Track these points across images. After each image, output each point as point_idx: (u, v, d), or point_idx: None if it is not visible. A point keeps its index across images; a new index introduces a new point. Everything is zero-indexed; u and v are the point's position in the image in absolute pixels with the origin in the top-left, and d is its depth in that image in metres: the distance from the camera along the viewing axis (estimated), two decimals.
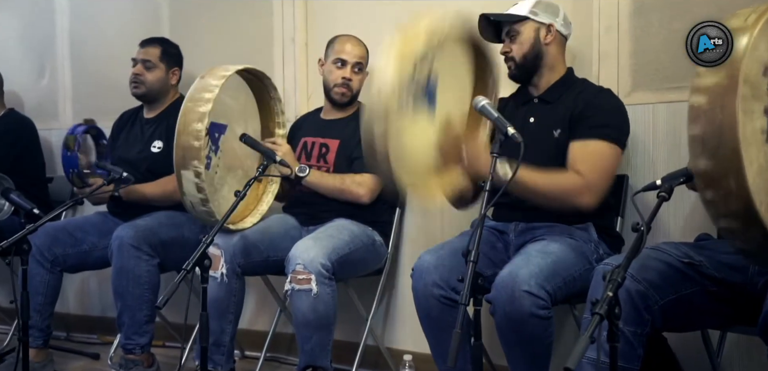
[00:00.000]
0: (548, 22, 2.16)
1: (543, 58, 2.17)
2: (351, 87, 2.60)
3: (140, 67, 2.89)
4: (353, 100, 2.65)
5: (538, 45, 2.16)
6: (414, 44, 1.75)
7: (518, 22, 2.15)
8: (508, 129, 1.71)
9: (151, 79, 2.90)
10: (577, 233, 2.04)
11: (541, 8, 2.16)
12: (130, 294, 2.53)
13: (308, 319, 2.22)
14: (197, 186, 2.22)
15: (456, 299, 1.98)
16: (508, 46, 2.18)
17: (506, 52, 2.19)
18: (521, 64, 2.17)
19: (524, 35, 2.15)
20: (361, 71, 2.62)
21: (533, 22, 2.15)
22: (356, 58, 2.60)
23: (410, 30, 1.79)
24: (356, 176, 2.52)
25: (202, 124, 2.21)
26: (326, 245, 2.27)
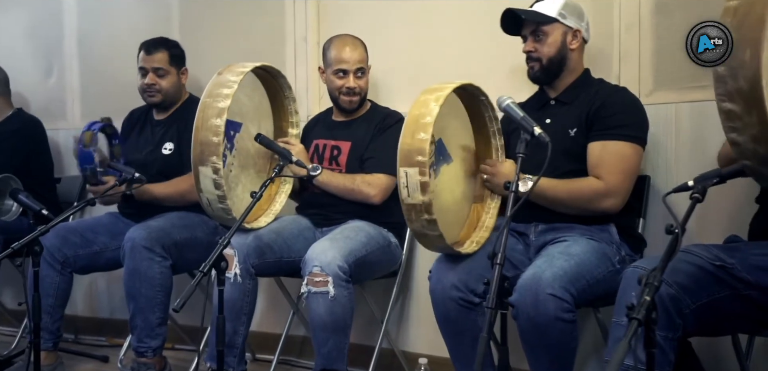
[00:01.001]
0: (576, 27, 2.13)
1: (566, 62, 2.15)
2: (357, 92, 2.57)
3: (153, 76, 2.84)
4: (365, 98, 2.61)
5: (564, 49, 2.14)
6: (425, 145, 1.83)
7: (546, 23, 2.11)
8: (534, 129, 1.68)
9: (166, 87, 2.86)
10: (599, 235, 2.01)
11: (569, 11, 2.13)
12: (142, 296, 2.49)
13: (325, 322, 2.19)
14: (215, 183, 2.18)
15: (475, 301, 1.97)
16: (533, 45, 2.15)
17: (530, 52, 2.16)
18: (547, 66, 2.15)
19: (552, 38, 2.12)
20: (364, 74, 2.58)
21: (562, 25, 2.12)
22: (357, 64, 2.56)
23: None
24: (367, 176, 2.48)
25: (221, 119, 2.17)
26: (343, 246, 2.23)
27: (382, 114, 2.61)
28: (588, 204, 1.99)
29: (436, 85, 1.94)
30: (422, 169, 1.81)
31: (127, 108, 3.15)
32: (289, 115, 2.60)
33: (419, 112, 1.86)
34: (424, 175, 1.81)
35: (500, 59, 2.58)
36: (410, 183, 1.83)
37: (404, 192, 1.85)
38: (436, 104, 1.84)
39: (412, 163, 1.82)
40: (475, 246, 2.03)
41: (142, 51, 2.88)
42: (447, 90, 1.89)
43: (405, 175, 1.83)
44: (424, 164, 1.81)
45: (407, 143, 1.84)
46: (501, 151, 2.13)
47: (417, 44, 2.81)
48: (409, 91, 2.80)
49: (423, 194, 1.82)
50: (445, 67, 2.74)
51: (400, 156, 1.85)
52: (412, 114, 1.87)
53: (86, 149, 2.54)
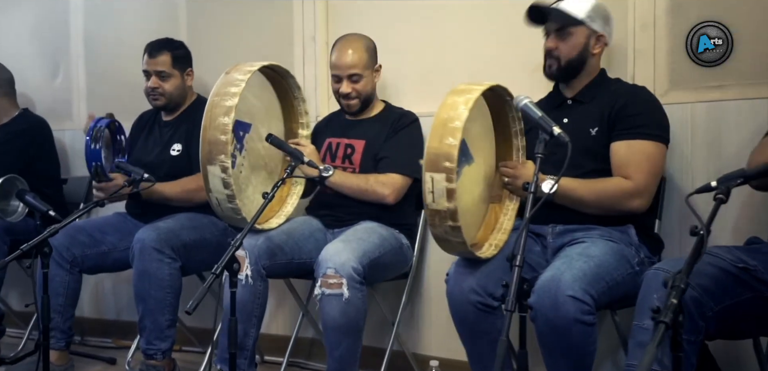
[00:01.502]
0: (600, 32, 2.11)
1: (585, 66, 2.14)
2: (353, 97, 2.54)
3: (156, 80, 2.82)
4: (368, 101, 2.58)
5: (586, 53, 2.12)
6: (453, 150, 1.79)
7: (573, 24, 2.09)
8: (553, 129, 1.66)
9: (169, 89, 2.84)
10: (617, 236, 1.99)
11: (597, 14, 2.11)
12: (152, 297, 2.47)
13: (338, 324, 2.16)
14: (223, 182, 2.16)
15: (493, 305, 1.95)
16: (554, 42, 2.13)
17: (551, 49, 2.14)
18: (565, 67, 2.13)
19: (575, 39, 2.10)
20: (360, 78, 2.53)
21: (587, 28, 2.10)
22: (348, 70, 2.52)
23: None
24: (381, 176, 2.46)
25: (229, 118, 2.14)
26: (357, 248, 2.21)
27: (397, 114, 2.59)
28: (615, 204, 1.97)
29: (464, 86, 1.89)
30: (449, 175, 1.76)
31: (134, 108, 3.12)
32: (299, 116, 2.57)
33: (447, 115, 1.81)
34: (452, 182, 1.76)
35: (512, 59, 2.56)
36: (436, 189, 1.78)
37: (429, 197, 1.81)
38: (466, 107, 1.80)
39: (439, 168, 1.78)
40: (493, 250, 2.00)
41: (146, 54, 2.86)
42: (476, 93, 1.84)
43: (431, 180, 1.79)
44: (451, 171, 1.76)
45: (434, 148, 1.79)
46: (522, 151, 2.09)
47: (428, 43, 2.79)
48: (420, 91, 2.81)
49: (449, 200, 1.78)
50: (456, 67, 2.72)
51: (427, 160, 1.80)
52: (440, 117, 1.82)
53: (94, 146, 2.53)
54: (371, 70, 2.57)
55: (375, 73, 2.59)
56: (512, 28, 2.58)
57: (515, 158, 2.11)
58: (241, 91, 2.19)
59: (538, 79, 2.30)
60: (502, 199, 2.14)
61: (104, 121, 2.60)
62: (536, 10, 2.13)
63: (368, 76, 2.56)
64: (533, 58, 2.47)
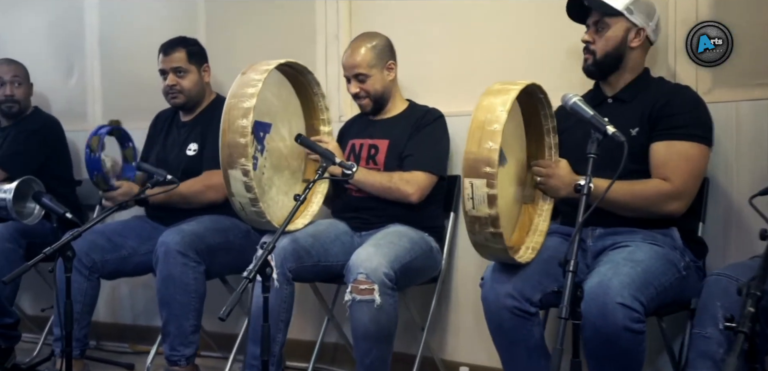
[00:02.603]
0: (641, 25, 2.03)
1: (623, 60, 2.06)
2: (362, 96, 2.50)
3: (173, 77, 2.76)
4: (382, 99, 2.52)
5: (623, 46, 2.05)
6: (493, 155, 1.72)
7: (611, 14, 2.02)
8: (607, 128, 1.59)
9: (187, 86, 2.78)
10: (661, 239, 1.92)
11: (638, 8, 2.04)
12: (176, 302, 2.41)
13: (369, 331, 2.09)
14: (246, 185, 2.10)
15: (530, 311, 1.88)
16: (591, 35, 2.06)
17: (587, 42, 2.07)
18: (601, 61, 2.06)
19: (612, 31, 2.04)
20: (366, 78, 2.47)
21: (626, 20, 2.03)
22: (353, 70, 2.48)
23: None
24: (405, 174, 2.39)
25: (247, 120, 2.09)
26: (388, 253, 2.14)
27: (421, 111, 2.52)
28: (653, 207, 1.90)
29: (499, 86, 1.82)
30: (490, 181, 1.69)
31: (150, 108, 3.06)
32: (320, 112, 2.51)
33: (485, 117, 1.73)
34: (493, 187, 1.69)
35: (540, 57, 2.50)
36: (476, 195, 1.71)
37: (468, 203, 1.74)
38: (504, 109, 1.73)
39: (479, 174, 1.70)
40: (531, 253, 1.93)
41: (161, 53, 2.81)
42: (513, 93, 1.77)
43: (470, 186, 1.72)
44: (492, 176, 1.69)
45: (473, 152, 1.72)
46: (555, 150, 2.03)
47: (453, 41, 2.72)
48: (446, 89, 2.73)
49: (490, 207, 1.71)
50: (483, 65, 2.66)
51: (465, 166, 1.74)
52: (477, 119, 1.75)
53: (93, 154, 2.47)
54: (380, 68, 2.49)
55: (387, 71, 2.51)
56: (541, 25, 2.54)
57: (548, 157, 2.04)
58: (259, 91, 2.12)
59: (567, 78, 2.24)
60: (536, 199, 2.07)
61: (105, 129, 2.56)
62: (576, 3, 2.06)
63: (376, 74, 2.49)
64: (563, 56, 2.41)
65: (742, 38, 2.12)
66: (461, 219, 2.63)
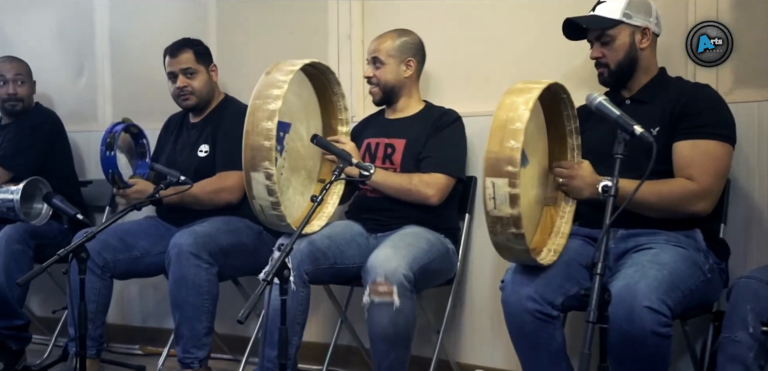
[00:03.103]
0: (644, 25, 2.01)
1: (638, 63, 2.04)
2: (373, 82, 2.49)
3: (183, 79, 2.74)
4: (391, 93, 2.50)
5: (634, 50, 2.02)
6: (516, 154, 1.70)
7: (612, 26, 2.00)
8: (635, 128, 1.57)
9: (198, 87, 2.76)
10: (685, 241, 1.90)
11: (634, 9, 2.02)
12: (189, 304, 2.38)
13: (388, 334, 2.07)
14: (268, 189, 2.07)
15: (552, 314, 1.86)
16: (599, 51, 2.05)
17: (598, 58, 2.06)
18: (616, 71, 2.04)
19: (619, 41, 2.02)
20: (382, 64, 2.47)
21: (628, 25, 2.00)
22: (372, 53, 2.50)
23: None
24: (424, 176, 2.37)
25: (272, 122, 2.06)
26: (407, 254, 2.11)
27: (438, 112, 2.50)
28: (679, 207, 1.88)
29: (521, 85, 1.80)
30: (512, 180, 1.66)
31: (161, 109, 3.04)
32: (338, 112, 2.48)
33: (507, 116, 1.71)
34: (515, 187, 1.66)
35: (559, 57, 2.47)
36: (498, 195, 1.69)
37: (490, 204, 1.71)
38: (526, 108, 1.70)
39: (500, 173, 1.68)
40: (553, 256, 1.91)
41: (167, 56, 2.77)
42: (536, 92, 1.75)
43: (492, 186, 1.69)
44: (514, 175, 1.66)
45: (494, 152, 1.69)
46: (578, 151, 2.00)
47: (468, 41, 2.70)
48: (461, 90, 2.71)
49: (512, 207, 1.68)
50: (498, 65, 2.63)
51: (487, 165, 1.71)
52: (499, 118, 1.72)
53: (109, 152, 2.45)
54: (398, 61, 2.47)
55: (404, 67, 2.49)
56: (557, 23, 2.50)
57: (570, 158, 2.01)
58: (284, 93, 2.10)
59: (588, 80, 2.21)
60: (558, 201, 2.04)
61: (120, 126, 2.53)
62: (572, 24, 2.04)
63: (391, 65, 2.47)
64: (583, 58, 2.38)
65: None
66: (476, 221, 2.62)
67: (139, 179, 2.52)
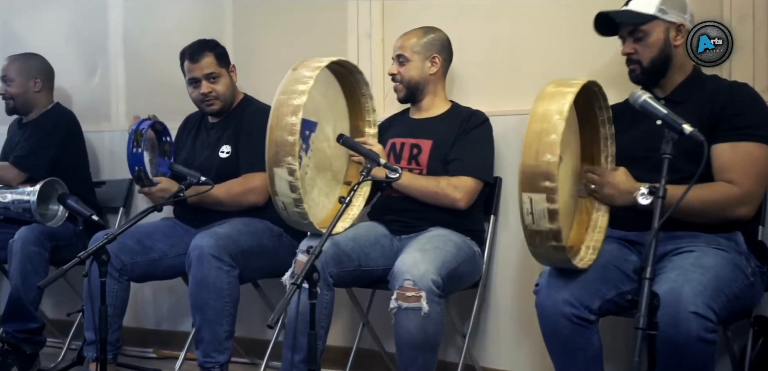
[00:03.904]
0: (679, 21, 1.96)
1: (671, 61, 1.98)
2: (397, 80, 2.45)
3: (207, 84, 2.67)
4: (415, 90, 2.45)
5: (668, 47, 1.97)
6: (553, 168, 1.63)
7: (645, 22, 1.94)
8: (684, 127, 1.51)
9: (222, 91, 2.70)
10: (726, 244, 1.84)
11: (669, 4, 1.96)
12: (210, 307, 2.33)
13: (415, 340, 2.02)
14: (291, 185, 2.02)
15: (590, 318, 1.81)
16: (632, 47, 1.99)
17: (630, 54, 2.00)
18: (648, 68, 1.98)
19: (653, 37, 1.96)
20: (406, 61, 2.43)
21: (663, 21, 1.95)
22: (397, 50, 2.46)
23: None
24: (452, 179, 2.32)
25: (297, 117, 2.01)
26: (435, 258, 2.06)
27: (466, 113, 2.44)
28: (721, 212, 1.83)
29: (553, 89, 1.71)
30: (550, 196, 1.60)
31: (176, 109, 2.98)
32: (366, 113, 2.43)
33: (541, 127, 1.63)
34: (553, 202, 1.60)
35: (587, 54, 2.41)
36: (535, 210, 1.62)
37: (528, 218, 1.64)
38: (561, 117, 1.62)
39: (537, 188, 1.61)
40: (592, 255, 1.84)
41: (187, 60, 2.69)
42: (569, 97, 1.66)
43: (529, 201, 1.62)
44: (553, 191, 1.59)
45: (530, 166, 1.62)
46: (611, 140, 1.93)
47: (493, 39, 2.64)
48: (486, 89, 2.64)
49: (551, 222, 1.62)
50: (523, 64, 2.58)
51: (522, 178, 1.64)
52: (533, 130, 1.64)
53: (136, 149, 2.39)
54: (423, 57, 2.43)
55: (429, 63, 2.44)
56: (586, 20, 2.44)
57: (603, 148, 1.95)
58: (310, 88, 2.05)
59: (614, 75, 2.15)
60: None
61: (147, 122, 2.47)
62: (604, 18, 1.99)
63: (416, 62, 2.42)
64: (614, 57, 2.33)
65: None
66: (501, 223, 2.57)
67: (163, 178, 2.47)
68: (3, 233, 2.93)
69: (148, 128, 2.46)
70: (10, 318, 2.82)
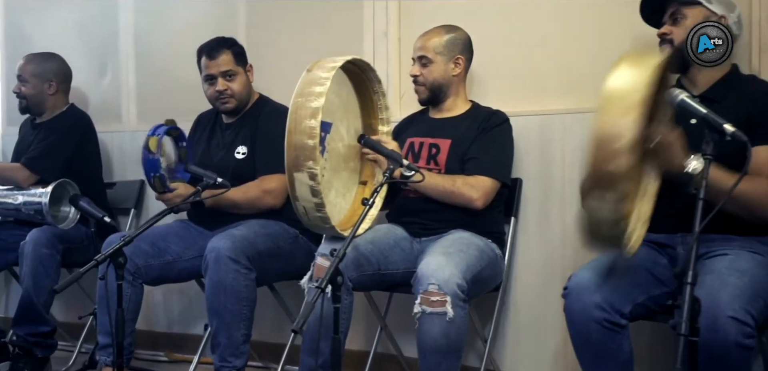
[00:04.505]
0: (720, 14, 1.91)
1: None
2: (420, 82, 2.41)
3: (223, 82, 2.63)
4: (438, 92, 2.41)
5: None
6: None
7: (687, 4, 1.90)
8: (725, 127, 1.46)
9: (238, 89, 2.66)
10: (760, 247, 1.79)
11: None
12: (228, 311, 2.28)
13: (439, 345, 1.97)
14: (312, 190, 1.98)
15: (621, 323, 1.76)
16: (668, 28, 1.95)
17: (664, 34, 1.95)
18: (678, 52, 1.92)
19: (690, 21, 1.91)
20: (429, 63, 2.38)
21: (703, 8, 1.90)
22: (419, 52, 2.40)
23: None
24: (469, 178, 2.27)
25: (316, 120, 1.97)
26: (459, 262, 2.02)
27: (486, 113, 2.40)
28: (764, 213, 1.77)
29: (618, 89, 1.49)
30: (619, 208, 1.46)
31: (188, 110, 2.94)
32: (379, 111, 2.38)
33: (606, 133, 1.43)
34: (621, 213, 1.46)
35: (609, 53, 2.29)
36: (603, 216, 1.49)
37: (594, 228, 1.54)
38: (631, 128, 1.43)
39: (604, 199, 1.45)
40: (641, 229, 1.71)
41: (204, 57, 2.65)
42: (638, 102, 1.44)
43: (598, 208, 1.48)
44: (622, 199, 1.44)
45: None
46: None
47: (512, 39, 2.60)
48: (506, 90, 2.59)
49: (614, 228, 1.51)
50: (542, 63, 2.54)
51: (587, 188, 1.49)
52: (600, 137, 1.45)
53: (152, 155, 2.35)
54: (446, 58, 2.38)
55: (452, 64, 2.40)
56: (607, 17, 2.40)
57: None
58: (327, 89, 2.01)
59: None
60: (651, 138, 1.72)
61: (163, 128, 2.43)
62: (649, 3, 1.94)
63: (440, 63, 2.38)
64: None
65: None
66: (522, 225, 2.52)
67: (180, 184, 2.42)
68: (14, 236, 2.89)
69: (164, 133, 2.42)
70: (22, 322, 2.78)
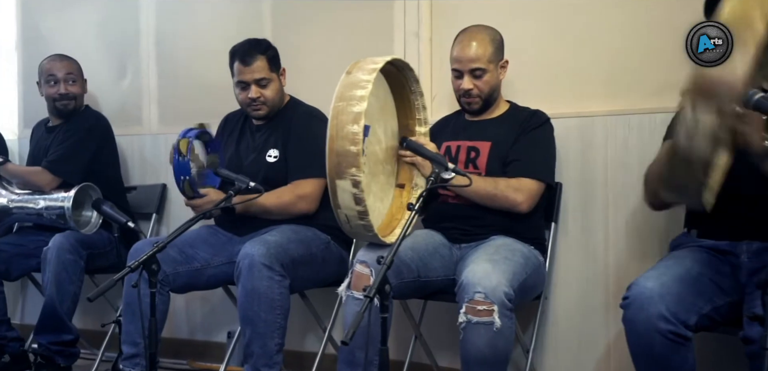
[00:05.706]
0: None
1: None
2: (475, 95, 2.29)
3: (257, 89, 2.53)
4: (491, 99, 2.32)
5: None
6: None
7: None
8: None
9: (271, 96, 2.57)
10: None
11: None
12: (261, 320, 2.20)
13: (485, 357, 1.89)
14: (355, 198, 1.90)
15: (686, 335, 1.67)
16: None
17: None
18: None
19: None
20: (484, 73, 2.27)
21: None
22: (470, 64, 2.27)
23: None
24: (512, 181, 2.19)
25: (359, 125, 1.89)
26: (506, 270, 1.93)
27: (526, 114, 2.32)
28: None
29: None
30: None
31: (210, 112, 2.87)
32: (416, 111, 2.29)
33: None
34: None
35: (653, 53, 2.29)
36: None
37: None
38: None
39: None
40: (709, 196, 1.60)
41: (237, 61, 2.54)
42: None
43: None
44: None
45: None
46: None
47: (551, 39, 2.52)
48: (544, 91, 2.51)
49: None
50: (583, 63, 2.46)
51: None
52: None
53: (182, 158, 2.27)
54: (496, 64, 2.30)
55: (501, 70, 2.33)
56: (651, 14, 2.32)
57: None
58: (369, 93, 1.93)
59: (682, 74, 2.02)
60: None
61: (193, 131, 2.35)
62: None
63: (492, 71, 2.29)
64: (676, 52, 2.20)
65: None
66: (562, 230, 2.44)
67: (211, 190, 2.34)
68: (34, 241, 2.83)
69: (194, 137, 2.34)
70: (44, 330, 2.71)
